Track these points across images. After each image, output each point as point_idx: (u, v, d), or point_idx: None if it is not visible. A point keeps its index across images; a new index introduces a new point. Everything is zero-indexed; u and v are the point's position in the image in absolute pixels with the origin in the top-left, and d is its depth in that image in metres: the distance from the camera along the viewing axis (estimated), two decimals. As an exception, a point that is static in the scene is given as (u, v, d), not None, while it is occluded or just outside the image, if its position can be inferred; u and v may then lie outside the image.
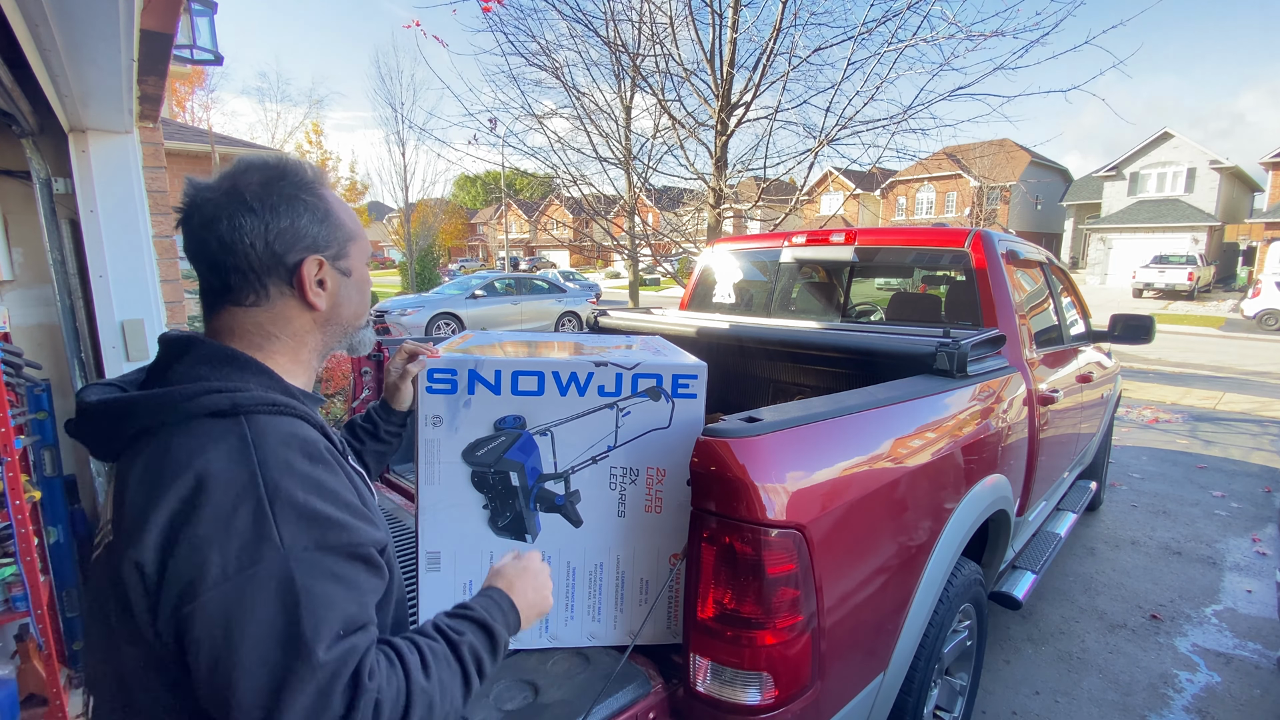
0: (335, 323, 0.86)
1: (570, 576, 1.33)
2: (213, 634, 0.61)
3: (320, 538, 0.66)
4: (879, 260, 2.98)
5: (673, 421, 1.28)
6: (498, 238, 46.32)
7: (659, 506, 1.31)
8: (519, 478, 1.27)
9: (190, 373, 0.73)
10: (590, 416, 1.27)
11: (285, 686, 0.61)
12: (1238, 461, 5.42)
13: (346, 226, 0.84)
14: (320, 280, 0.81)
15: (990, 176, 27.13)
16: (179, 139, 8.41)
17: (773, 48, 5.32)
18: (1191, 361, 11.18)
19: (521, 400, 1.25)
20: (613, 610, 1.35)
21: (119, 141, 2.26)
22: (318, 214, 0.80)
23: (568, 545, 1.32)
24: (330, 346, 0.88)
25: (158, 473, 0.66)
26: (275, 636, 0.62)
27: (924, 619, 1.55)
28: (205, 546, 0.62)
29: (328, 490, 0.70)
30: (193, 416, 0.68)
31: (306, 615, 0.63)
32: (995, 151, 25.95)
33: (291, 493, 0.66)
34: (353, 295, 0.87)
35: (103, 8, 1.34)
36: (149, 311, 2.37)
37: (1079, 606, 3.08)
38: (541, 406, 1.26)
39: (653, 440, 1.29)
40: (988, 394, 1.96)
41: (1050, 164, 32.74)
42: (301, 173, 0.81)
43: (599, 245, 11.65)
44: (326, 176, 0.87)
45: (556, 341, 1.59)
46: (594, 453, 1.28)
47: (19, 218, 2.38)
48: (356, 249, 0.86)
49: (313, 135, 22.40)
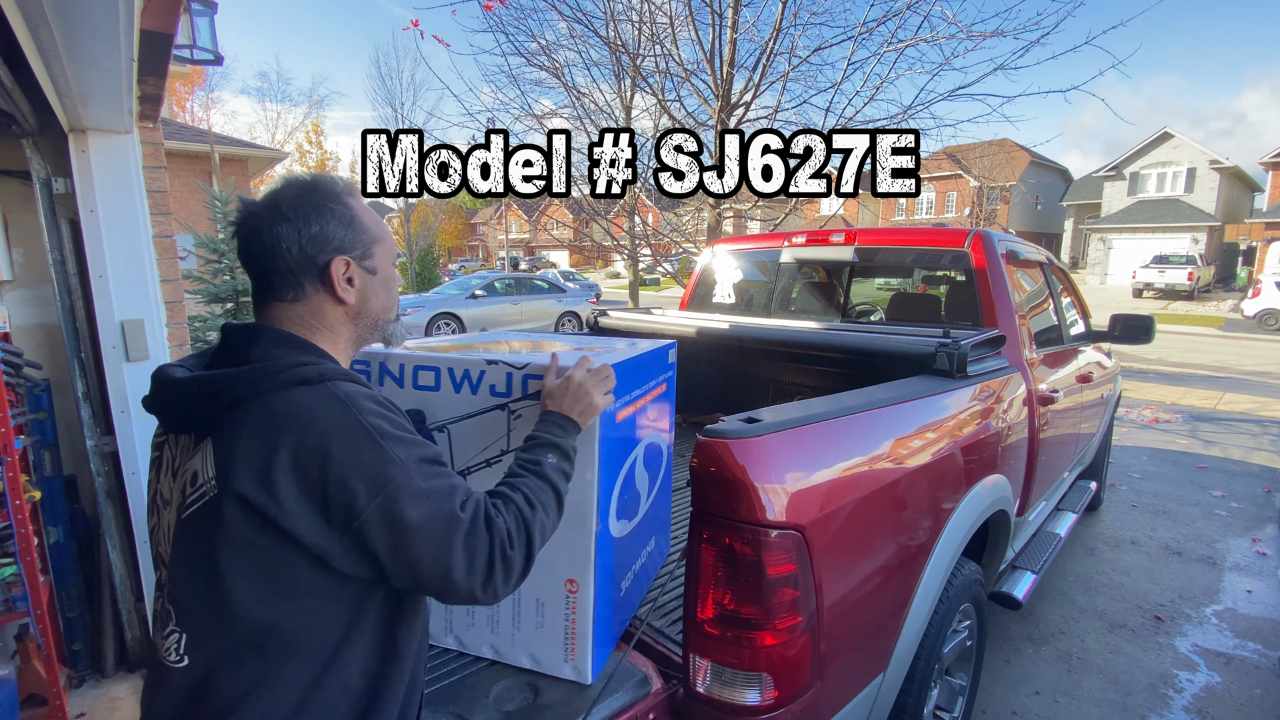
0: (365, 316, 0.97)
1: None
2: (383, 535, 0.78)
3: (418, 453, 0.84)
4: (879, 260, 2.98)
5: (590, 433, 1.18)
6: (498, 238, 46.32)
7: None
8: None
9: (269, 353, 0.85)
10: (483, 417, 1.24)
11: (449, 545, 0.81)
12: (1238, 461, 5.42)
13: (371, 231, 0.95)
14: (349, 278, 0.92)
15: (990, 176, 27.13)
16: (179, 139, 8.42)
17: (773, 48, 5.32)
18: (1191, 361, 11.18)
19: (421, 395, 1.27)
20: (510, 626, 1.30)
21: (119, 141, 2.26)
22: (344, 220, 0.92)
23: None
24: (364, 338, 0.99)
25: (276, 430, 0.77)
26: (427, 518, 0.80)
27: (924, 619, 1.55)
28: (349, 479, 0.77)
29: (405, 426, 0.87)
30: (287, 385, 0.80)
31: (436, 497, 0.82)
32: (995, 151, 25.95)
33: (389, 430, 0.82)
34: (379, 291, 0.97)
35: (103, 8, 1.33)
36: (149, 311, 2.36)
37: (1079, 606, 3.08)
38: (439, 402, 1.26)
39: None
40: (988, 394, 1.96)
41: (1050, 164, 32.73)
42: (332, 186, 0.94)
43: (599, 245, 11.63)
44: (356, 189, 0.99)
45: (514, 340, 1.57)
46: (488, 455, 1.25)
47: (19, 218, 2.37)
48: (382, 250, 0.97)
49: (313, 135, 22.42)
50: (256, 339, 0.87)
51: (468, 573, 0.82)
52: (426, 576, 0.81)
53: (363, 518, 0.77)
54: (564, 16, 5.65)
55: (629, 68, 5.92)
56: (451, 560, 0.81)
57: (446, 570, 0.81)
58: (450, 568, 0.81)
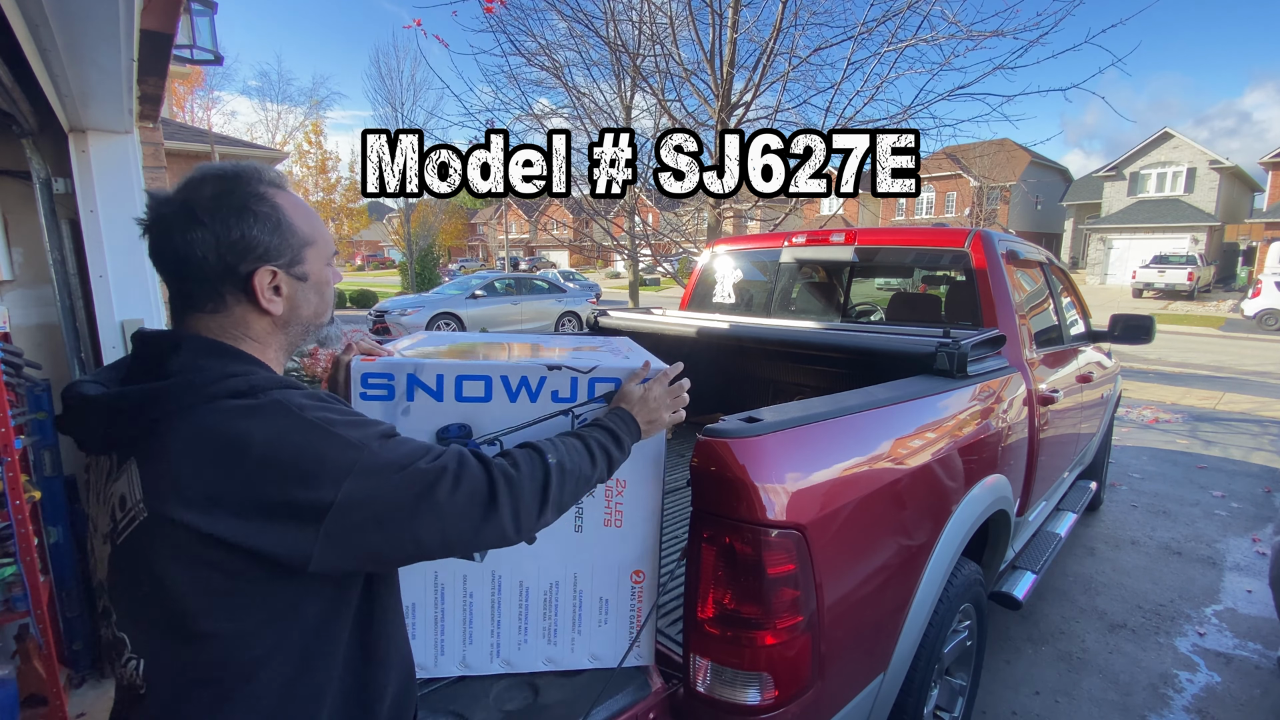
0: (296, 324, 0.90)
1: (524, 597, 1.25)
2: (366, 516, 0.74)
3: (376, 430, 0.80)
4: (879, 260, 2.98)
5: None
6: (498, 238, 46.32)
7: (619, 520, 1.24)
8: None
9: (194, 364, 0.78)
10: (543, 425, 1.17)
11: (438, 498, 0.77)
12: (1238, 461, 5.42)
13: (301, 233, 0.87)
14: (275, 287, 0.84)
15: (990, 176, 27.13)
16: (179, 139, 8.41)
17: (773, 48, 5.32)
18: (1191, 361, 11.18)
19: (467, 407, 1.16)
20: (570, 632, 1.28)
21: (119, 141, 2.26)
22: (269, 223, 0.83)
23: (520, 564, 1.23)
24: (296, 344, 0.93)
25: (213, 448, 0.72)
26: (405, 482, 0.76)
27: (924, 619, 1.55)
28: (309, 476, 0.72)
29: (354, 414, 0.82)
30: (217, 398, 0.75)
31: (407, 461, 0.78)
32: (995, 151, 25.95)
33: (338, 419, 0.78)
34: (311, 297, 0.90)
35: (103, 8, 1.33)
36: (149, 311, 2.36)
37: (1079, 606, 3.08)
38: (489, 413, 1.16)
39: None
40: (988, 394, 1.96)
41: (1050, 164, 32.74)
42: (254, 182, 0.84)
43: (599, 245, 11.64)
44: (285, 180, 0.90)
45: (514, 343, 1.51)
46: None
47: (19, 218, 2.37)
48: (314, 253, 0.89)
49: (313, 136, 22.42)
50: (179, 348, 0.79)
51: (465, 510, 0.79)
52: (430, 538, 0.78)
53: (336, 506, 0.72)
54: (564, 16, 5.66)
55: (629, 68, 5.92)
56: (443, 508, 0.78)
57: (440, 519, 0.78)
58: (444, 516, 0.78)
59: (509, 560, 1.23)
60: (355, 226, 25.04)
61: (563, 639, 1.27)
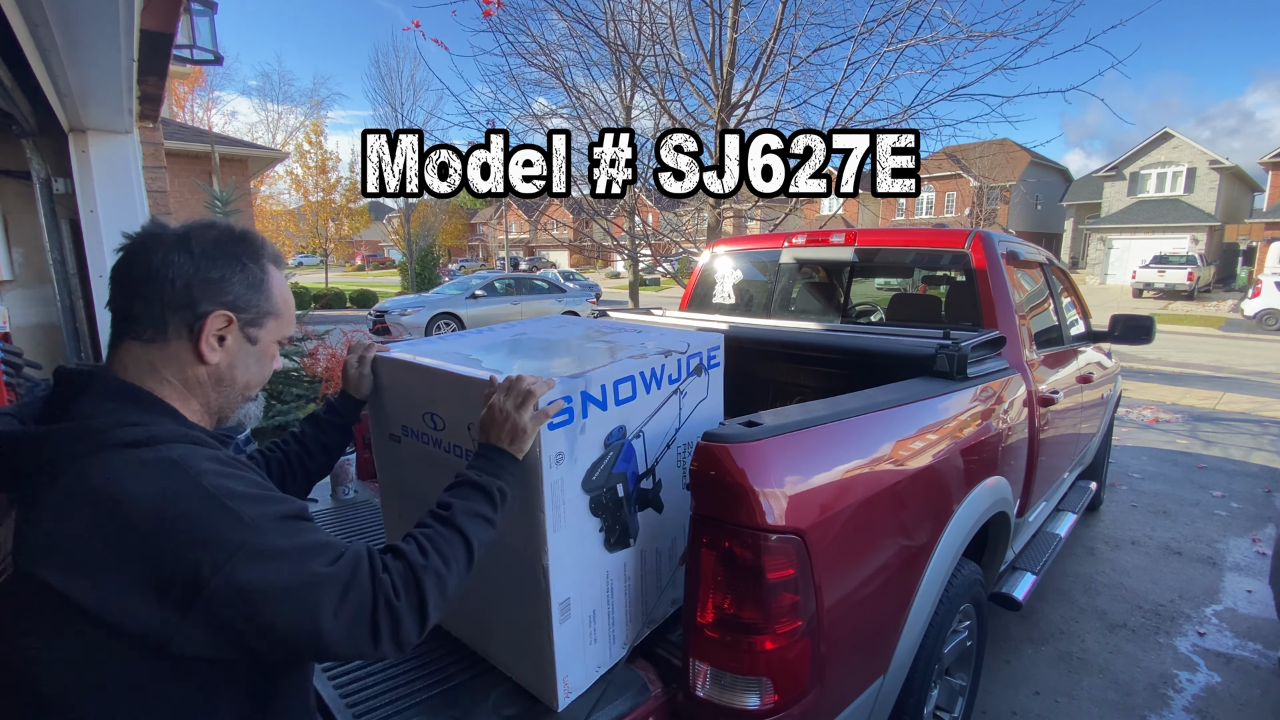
0: (228, 384, 0.87)
1: (657, 559, 1.35)
2: (238, 607, 0.68)
3: (276, 510, 0.75)
4: (879, 261, 2.97)
5: (709, 390, 1.41)
6: (498, 238, 46.31)
7: None
8: (623, 488, 1.23)
9: (96, 408, 0.75)
10: (663, 409, 1.30)
11: (317, 607, 0.72)
12: (1238, 461, 5.42)
13: (275, 303, 0.89)
14: (222, 336, 0.83)
15: (990, 176, 27.12)
16: (179, 139, 8.42)
17: (773, 48, 5.32)
18: (1191, 361, 11.18)
19: (623, 410, 1.21)
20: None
21: (119, 141, 2.26)
22: (253, 281, 0.85)
23: (655, 533, 1.33)
24: (219, 408, 0.88)
25: (91, 503, 0.67)
26: (287, 580, 0.71)
27: (924, 621, 1.55)
28: (188, 549, 0.67)
29: (260, 483, 0.78)
30: (107, 448, 0.70)
31: (297, 557, 0.73)
32: (995, 151, 25.94)
33: (237, 489, 0.73)
34: (251, 364, 0.89)
35: (103, 8, 1.33)
36: (149, 312, 2.36)
37: (1079, 606, 3.08)
38: (637, 410, 1.24)
39: (701, 412, 1.40)
40: (988, 395, 1.96)
41: (1050, 164, 32.73)
42: (258, 246, 0.88)
43: (599, 245, 11.65)
44: (284, 262, 0.95)
45: (555, 337, 1.56)
46: (668, 439, 1.32)
47: (19, 218, 2.37)
48: (275, 325, 0.90)
49: (313, 136, 22.40)
50: (87, 389, 0.76)
51: (346, 633, 0.74)
52: (297, 644, 0.72)
53: (209, 590, 0.66)
54: (564, 16, 5.66)
55: (629, 68, 5.91)
56: (321, 623, 0.72)
57: (317, 634, 0.72)
58: (321, 632, 0.72)
59: (646, 535, 1.31)
60: (355, 226, 25.01)
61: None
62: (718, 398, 1.46)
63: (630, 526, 1.26)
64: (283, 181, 23.23)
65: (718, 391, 1.45)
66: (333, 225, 23.71)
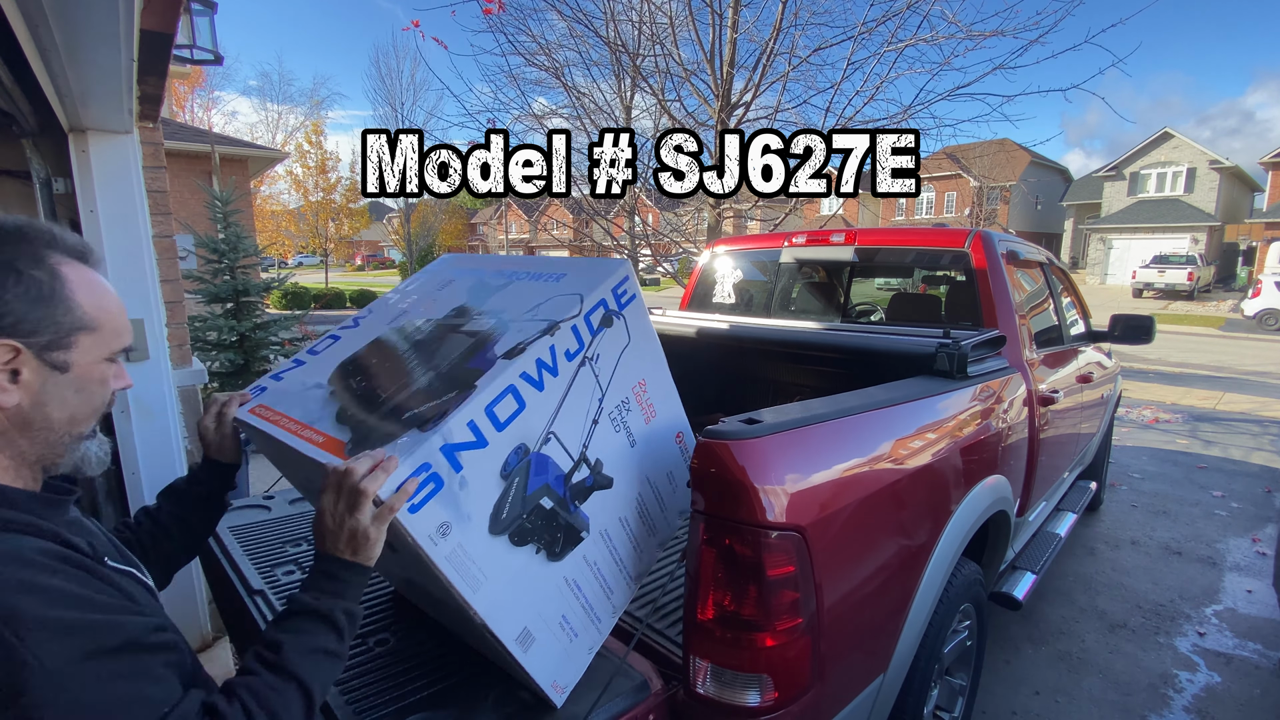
0: (42, 426, 0.70)
1: (625, 529, 1.23)
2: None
3: (87, 645, 0.59)
4: (879, 260, 2.98)
5: (630, 335, 1.19)
6: (498, 238, 46.32)
7: (653, 413, 1.27)
8: (550, 498, 1.08)
9: None
10: (572, 391, 1.09)
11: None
12: (1238, 461, 5.42)
13: (79, 313, 0.70)
14: (13, 370, 0.66)
15: (990, 176, 27.13)
16: (179, 139, 8.42)
17: (773, 48, 5.32)
18: (1191, 361, 11.18)
19: (513, 429, 1.01)
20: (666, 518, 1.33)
21: (119, 141, 2.26)
22: (34, 292, 0.67)
23: (608, 508, 1.20)
24: (40, 456, 0.72)
25: None
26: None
27: (924, 620, 1.55)
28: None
29: (77, 598, 0.61)
30: None
31: (104, 712, 0.58)
32: (995, 151, 25.95)
33: (36, 612, 0.57)
34: (67, 396, 0.71)
35: (103, 8, 1.33)
36: (149, 312, 2.36)
37: (1079, 606, 3.08)
38: (531, 419, 1.03)
39: (625, 362, 1.18)
40: (988, 395, 1.96)
41: (1050, 164, 32.74)
42: (36, 244, 0.69)
43: (599, 245, 11.65)
44: (88, 251, 0.75)
45: (419, 334, 1.24)
46: (592, 415, 1.14)
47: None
48: (90, 341, 0.72)
49: (313, 136, 22.42)
50: None
51: None
52: None
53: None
54: (564, 16, 5.66)
55: (629, 68, 5.91)
56: None
57: None
58: None
59: (603, 516, 1.19)
60: (355, 226, 25.03)
61: (665, 521, 1.35)
62: (646, 334, 1.22)
63: (576, 524, 1.13)
64: (283, 181, 23.26)
65: (644, 328, 1.21)
66: (333, 225, 23.73)
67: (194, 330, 5.08)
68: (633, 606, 1.59)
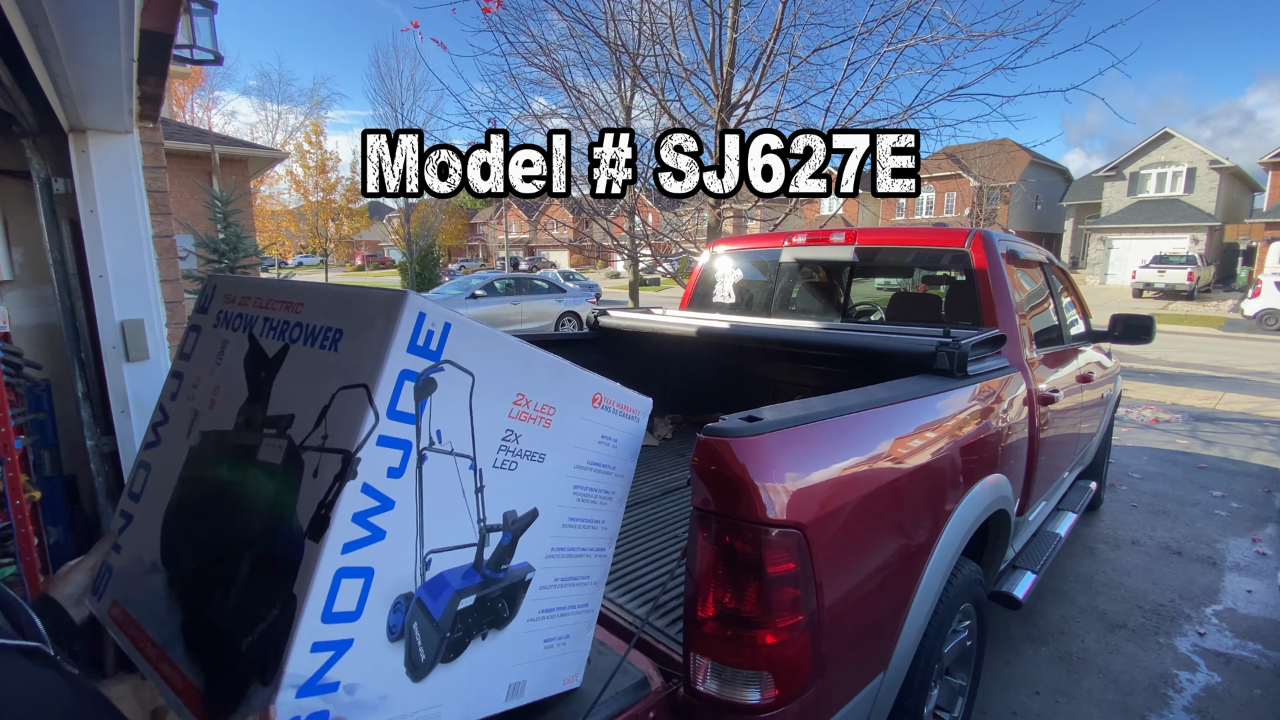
0: None
1: (574, 526, 1.08)
2: None
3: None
4: (879, 260, 2.98)
5: (470, 367, 0.88)
6: (498, 238, 46.33)
7: (549, 410, 1.00)
8: (468, 596, 0.92)
9: None
10: (427, 495, 0.84)
11: None
12: (1238, 461, 5.42)
13: None
14: None
15: (990, 176, 27.14)
16: (179, 139, 8.43)
17: (773, 48, 5.33)
18: (1191, 361, 11.18)
19: (372, 599, 0.78)
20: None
21: (119, 141, 2.26)
22: None
23: (546, 529, 1.03)
24: None
25: None
26: None
27: (924, 619, 1.55)
28: None
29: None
30: None
31: None
32: (995, 151, 25.97)
33: None
34: None
35: (103, 8, 1.33)
36: (149, 311, 2.37)
37: (1079, 606, 3.08)
38: (389, 567, 0.80)
39: (481, 399, 0.90)
40: (988, 394, 1.96)
41: (1050, 164, 32.76)
42: None
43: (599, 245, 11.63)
44: None
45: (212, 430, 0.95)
46: (473, 486, 0.92)
47: (19, 218, 2.37)
48: None
49: (313, 136, 22.44)
50: None
51: None
52: None
53: None
54: (564, 16, 5.66)
55: (629, 68, 5.92)
56: None
57: None
58: None
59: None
60: (355, 226, 25.06)
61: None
62: (488, 349, 0.90)
63: (513, 580, 0.99)
64: (283, 181, 23.29)
65: (480, 344, 0.89)
66: (333, 225, 23.75)
67: (194, 330, 5.07)
68: (633, 604, 1.59)
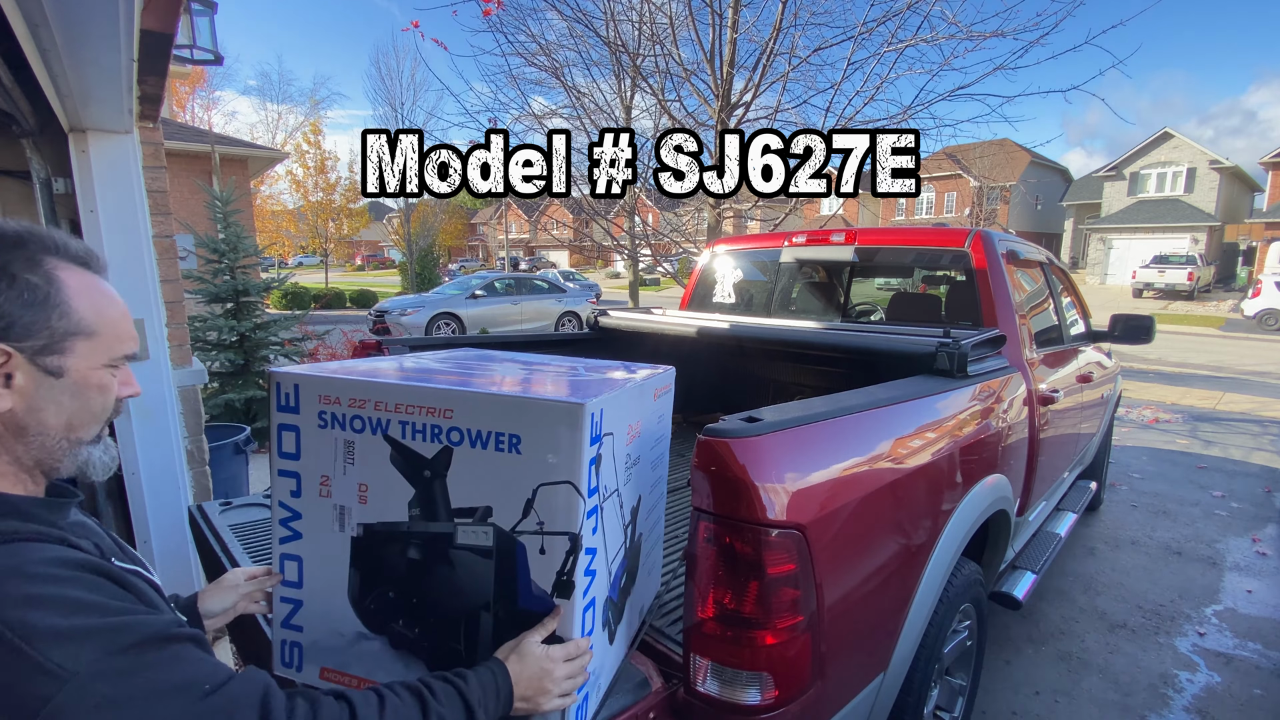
0: (37, 432, 0.69)
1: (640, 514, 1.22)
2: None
3: (107, 646, 0.58)
4: (879, 260, 2.98)
5: (614, 431, 1.02)
6: (498, 238, 46.33)
7: (637, 430, 1.16)
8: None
9: None
10: (608, 533, 1.05)
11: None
12: (1238, 461, 5.42)
13: (78, 318, 0.70)
14: (6, 375, 0.66)
15: (990, 176, 27.13)
16: (179, 139, 8.42)
17: (773, 48, 5.32)
18: (1191, 361, 11.18)
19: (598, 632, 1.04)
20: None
21: (119, 141, 2.26)
22: (30, 295, 0.66)
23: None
24: (39, 460, 0.71)
25: None
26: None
27: (924, 619, 1.55)
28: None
29: (90, 604, 0.60)
30: None
31: (141, 707, 0.57)
32: (995, 151, 25.95)
33: (50, 623, 0.56)
34: (63, 401, 0.70)
35: (103, 8, 1.33)
36: (149, 311, 2.36)
37: (1079, 606, 3.08)
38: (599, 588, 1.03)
39: (619, 454, 1.06)
40: (988, 394, 1.96)
41: (1050, 164, 32.75)
42: (34, 248, 0.69)
43: (599, 245, 11.63)
44: (95, 260, 0.75)
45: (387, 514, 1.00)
46: (624, 521, 1.13)
47: (19, 218, 2.38)
48: (87, 347, 0.71)
49: (312, 136, 22.43)
50: None
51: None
52: None
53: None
54: (564, 16, 5.66)
55: (629, 68, 5.92)
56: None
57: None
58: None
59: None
60: (355, 226, 25.04)
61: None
62: (622, 415, 1.07)
63: (635, 569, 1.19)
64: (283, 181, 23.27)
65: (622, 414, 1.06)
66: (332, 225, 23.73)
67: (194, 330, 5.08)
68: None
